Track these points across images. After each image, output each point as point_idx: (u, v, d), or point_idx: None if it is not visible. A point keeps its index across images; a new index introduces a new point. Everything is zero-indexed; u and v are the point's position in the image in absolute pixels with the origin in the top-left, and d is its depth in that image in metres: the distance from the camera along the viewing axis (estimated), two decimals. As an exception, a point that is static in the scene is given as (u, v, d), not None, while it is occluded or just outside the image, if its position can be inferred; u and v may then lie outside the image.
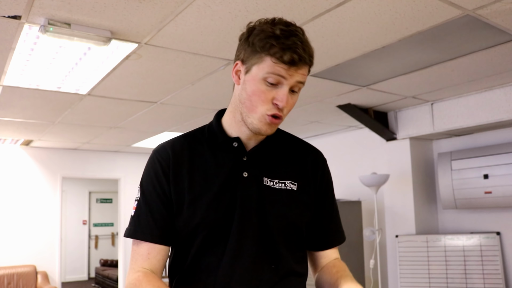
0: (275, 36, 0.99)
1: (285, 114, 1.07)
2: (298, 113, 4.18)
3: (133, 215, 1.12)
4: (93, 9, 2.02)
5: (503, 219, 3.77)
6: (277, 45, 0.99)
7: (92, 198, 10.46)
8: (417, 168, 4.20)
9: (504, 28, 2.31)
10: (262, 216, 1.09)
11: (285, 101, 1.02)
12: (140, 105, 3.81)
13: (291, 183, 1.14)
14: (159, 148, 1.17)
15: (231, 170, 1.11)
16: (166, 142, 1.19)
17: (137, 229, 1.10)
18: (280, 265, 1.10)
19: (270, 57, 1.00)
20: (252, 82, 1.04)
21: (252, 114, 1.06)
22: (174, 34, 2.30)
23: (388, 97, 3.71)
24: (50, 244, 6.07)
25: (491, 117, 3.51)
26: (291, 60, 0.99)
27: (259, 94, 1.03)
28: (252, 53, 1.04)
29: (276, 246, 1.10)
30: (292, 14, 2.09)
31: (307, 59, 1.02)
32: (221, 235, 1.08)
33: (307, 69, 1.05)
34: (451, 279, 3.78)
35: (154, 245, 1.09)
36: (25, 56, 2.62)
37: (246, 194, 1.09)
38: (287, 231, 1.12)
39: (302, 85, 1.06)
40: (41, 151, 6.19)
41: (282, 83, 1.02)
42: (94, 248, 10.32)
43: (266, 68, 1.01)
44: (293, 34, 1.00)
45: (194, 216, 1.08)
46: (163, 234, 1.09)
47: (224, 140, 1.14)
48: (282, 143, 1.20)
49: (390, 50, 2.60)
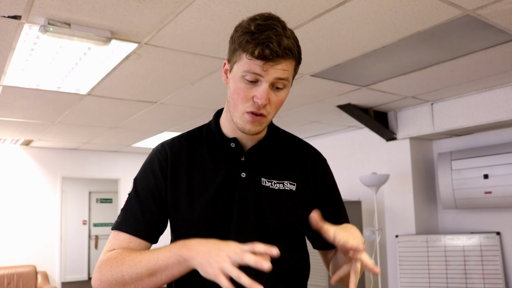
0: (250, 32, 0.98)
1: (270, 112, 1.05)
2: (298, 113, 4.18)
3: (123, 209, 1.12)
4: (93, 9, 2.02)
5: (503, 219, 3.77)
6: (251, 41, 0.97)
7: (92, 198, 10.46)
8: (417, 168, 4.20)
9: (504, 28, 2.31)
10: (260, 216, 1.09)
11: (264, 98, 0.99)
12: (140, 105, 3.81)
13: (289, 183, 1.13)
14: (159, 147, 1.17)
15: (229, 171, 1.11)
16: (166, 142, 1.19)
17: (124, 222, 1.09)
18: (279, 265, 1.09)
19: (245, 53, 0.98)
20: (233, 81, 1.04)
21: (235, 112, 1.06)
22: (174, 34, 2.30)
23: (388, 97, 3.71)
24: (50, 244, 6.07)
25: (491, 117, 3.51)
26: (262, 55, 0.96)
27: (239, 92, 1.02)
28: (233, 51, 1.03)
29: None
30: (292, 14, 2.09)
31: (281, 53, 0.97)
32: (219, 235, 1.07)
33: (288, 63, 1.00)
34: (451, 279, 3.78)
35: (136, 238, 1.07)
36: (25, 56, 2.62)
37: (244, 194, 1.09)
38: (285, 232, 1.11)
39: (286, 82, 1.02)
40: (41, 151, 6.19)
41: (260, 80, 1.00)
42: (94, 248, 10.31)
43: (243, 66, 0.99)
44: (269, 28, 0.97)
45: (192, 216, 1.08)
46: (148, 230, 1.08)
47: (222, 141, 1.14)
48: (281, 143, 1.19)
49: (390, 50, 2.60)
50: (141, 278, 0.98)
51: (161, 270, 0.97)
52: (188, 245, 0.95)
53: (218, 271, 0.88)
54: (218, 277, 0.87)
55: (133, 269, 0.98)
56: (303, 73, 3.00)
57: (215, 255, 0.90)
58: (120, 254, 1.02)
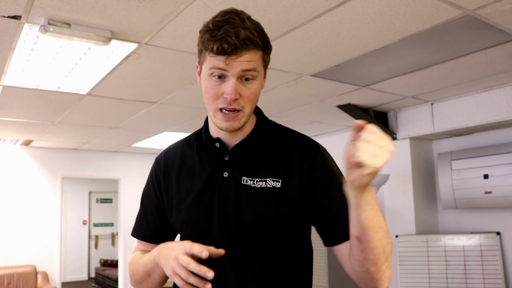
0: (210, 30, 0.99)
1: (244, 106, 1.03)
2: (298, 113, 4.18)
3: (136, 216, 1.29)
4: (93, 9, 2.02)
5: (503, 219, 3.77)
6: (211, 38, 0.98)
7: (92, 198, 10.46)
8: (417, 168, 4.20)
9: (504, 28, 2.31)
10: (239, 216, 1.06)
11: (232, 93, 0.99)
12: (140, 105, 3.81)
13: (272, 180, 1.08)
14: (158, 156, 1.27)
15: (213, 171, 1.12)
16: (166, 149, 1.28)
17: (135, 229, 1.27)
18: (264, 265, 1.06)
19: (208, 52, 1.00)
20: (204, 81, 1.06)
21: (210, 112, 1.08)
22: (174, 34, 2.30)
23: (388, 97, 3.71)
24: (50, 244, 6.07)
25: (491, 117, 3.51)
26: (221, 50, 0.96)
27: (208, 91, 1.04)
28: (200, 52, 1.05)
29: (257, 246, 1.06)
30: (292, 14, 2.09)
31: (240, 45, 0.96)
32: (203, 235, 1.08)
33: (252, 54, 0.99)
34: (451, 279, 3.78)
35: (148, 244, 1.23)
36: (25, 56, 2.62)
37: (224, 194, 1.09)
38: (266, 229, 1.06)
39: (254, 72, 1.01)
40: (41, 151, 6.19)
41: (226, 75, 1.00)
42: (94, 248, 10.32)
43: (208, 64, 1.01)
44: (226, 22, 0.97)
45: (179, 217, 1.14)
46: (154, 235, 1.23)
47: (208, 141, 1.15)
48: (269, 137, 1.15)
49: (390, 50, 2.60)
50: (145, 278, 1.14)
51: (151, 271, 1.11)
52: (159, 248, 1.08)
53: (171, 271, 0.98)
54: (173, 277, 0.99)
55: (139, 272, 1.16)
56: (303, 73, 3.00)
57: (169, 258, 1.00)
58: (133, 258, 1.22)
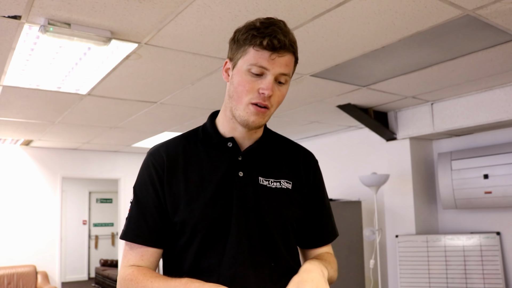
0: (256, 28, 1.05)
1: (273, 105, 1.09)
2: (298, 113, 4.18)
3: (127, 218, 1.14)
4: (93, 9, 2.02)
5: (503, 219, 3.77)
6: (258, 34, 1.03)
7: (92, 198, 10.46)
8: (417, 168, 4.20)
9: (504, 28, 2.31)
10: (260, 215, 1.10)
11: (270, 89, 1.04)
12: (140, 105, 3.81)
13: (286, 182, 1.16)
14: (153, 151, 1.16)
15: (227, 170, 1.12)
16: (160, 145, 1.18)
17: (129, 232, 1.11)
18: (279, 263, 1.11)
19: (252, 46, 1.04)
20: (238, 74, 1.08)
21: (239, 105, 1.09)
22: (174, 34, 2.30)
23: (388, 97, 3.71)
24: (50, 244, 6.07)
25: (491, 117, 3.51)
26: (271, 45, 1.02)
27: (244, 84, 1.07)
28: (237, 49, 1.09)
29: (275, 245, 1.11)
30: (292, 14, 2.09)
31: (288, 44, 1.04)
32: (220, 235, 1.08)
33: (291, 58, 1.07)
34: (451, 279, 3.78)
35: (147, 248, 1.10)
36: (25, 56, 2.62)
37: (242, 193, 1.10)
38: (284, 229, 1.13)
39: (287, 77, 1.08)
40: (41, 151, 6.19)
41: (265, 73, 1.05)
42: (94, 248, 10.31)
43: (250, 59, 1.05)
44: (272, 24, 1.05)
45: (192, 217, 1.08)
46: (154, 237, 1.10)
47: (219, 141, 1.15)
48: (275, 143, 1.23)
49: (390, 50, 2.60)
50: None
51: None
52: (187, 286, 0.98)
53: None
54: None
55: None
56: (303, 73, 3.00)
57: None
58: (136, 277, 1.05)
